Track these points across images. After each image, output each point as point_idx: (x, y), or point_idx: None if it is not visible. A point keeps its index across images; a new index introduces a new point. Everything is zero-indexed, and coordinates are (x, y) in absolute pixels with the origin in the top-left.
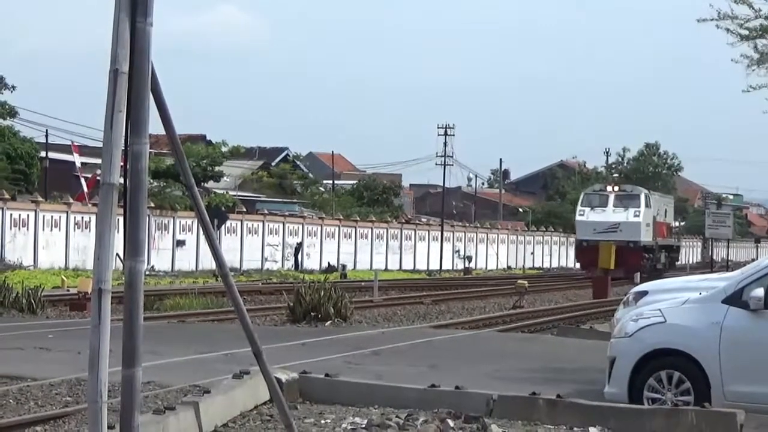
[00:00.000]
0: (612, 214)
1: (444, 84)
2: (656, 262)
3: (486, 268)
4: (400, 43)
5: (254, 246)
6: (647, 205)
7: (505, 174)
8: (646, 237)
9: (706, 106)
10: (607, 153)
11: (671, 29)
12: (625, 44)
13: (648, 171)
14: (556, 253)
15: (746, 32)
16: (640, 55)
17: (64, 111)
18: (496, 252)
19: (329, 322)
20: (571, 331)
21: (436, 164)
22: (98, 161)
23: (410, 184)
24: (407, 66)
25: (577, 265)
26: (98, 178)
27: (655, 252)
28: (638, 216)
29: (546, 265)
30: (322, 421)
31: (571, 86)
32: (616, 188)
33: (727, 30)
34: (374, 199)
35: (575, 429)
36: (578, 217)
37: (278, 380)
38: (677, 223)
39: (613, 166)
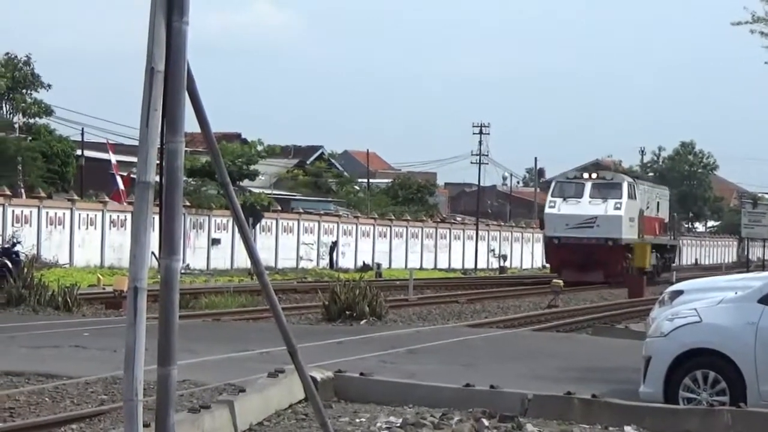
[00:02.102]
0: (588, 206)
1: (480, 82)
2: None
3: (521, 267)
4: (437, 40)
5: (289, 245)
6: (631, 196)
7: (540, 173)
8: (629, 234)
9: (743, 105)
10: (642, 152)
11: (708, 28)
12: (662, 44)
13: (683, 170)
14: None
15: None
16: (678, 55)
17: (100, 109)
18: (531, 251)
19: (364, 320)
20: (606, 330)
21: (471, 163)
22: (134, 159)
23: (445, 183)
24: (443, 64)
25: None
26: (133, 176)
27: None
28: (619, 208)
29: None
30: (357, 420)
31: (607, 84)
32: (594, 175)
33: (761, 33)
34: (409, 198)
35: (610, 428)
36: (548, 210)
37: (313, 379)
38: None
39: (649, 165)
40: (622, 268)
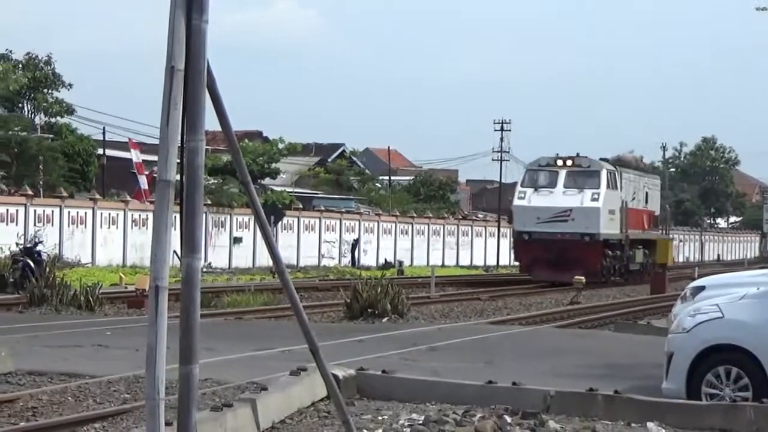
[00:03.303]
0: (562, 196)
1: (501, 80)
2: (628, 261)
3: None
4: (459, 38)
5: (311, 243)
6: (611, 186)
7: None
8: (609, 228)
9: (765, 99)
10: (664, 148)
11: (729, 20)
12: (683, 36)
13: (705, 165)
14: None
15: None
16: (697, 48)
17: (122, 108)
18: None
19: (386, 318)
20: (629, 326)
21: (493, 160)
22: (155, 158)
23: (467, 180)
24: (466, 61)
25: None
26: (155, 175)
27: (625, 248)
28: (597, 199)
29: None
30: (379, 418)
31: (628, 80)
32: (569, 162)
33: None
34: (431, 195)
35: (633, 425)
36: (517, 201)
37: (335, 377)
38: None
39: (670, 160)
40: (602, 266)
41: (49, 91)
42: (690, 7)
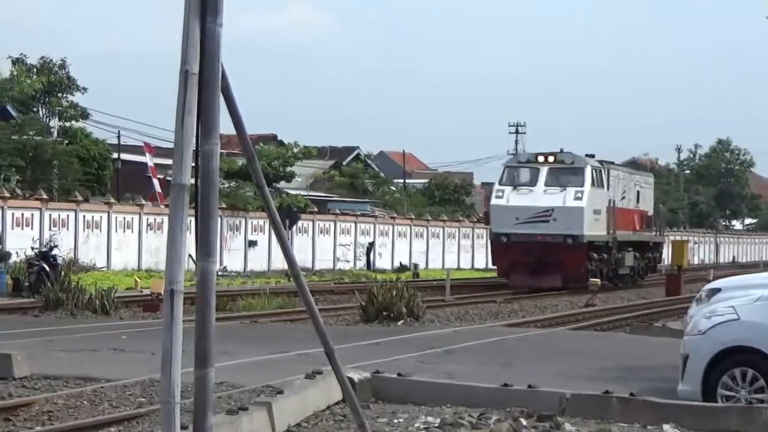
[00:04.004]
0: (543, 195)
1: (516, 81)
2: (617, 265)
3: None
4: (473, 40)
5: (326, 246)
6: (597, 184)
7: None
8: (594, 229)
9: None
10: (679, 150)
11: (745, 21)
12: (699, 37)
13: (720, 167)
14: None
15: None
16: (713, 50)
17: (136, 112)
18: None
19: (401, 321)
20: (644, 329)
21: None
22: (169, 162)
23: (482, 183)
24: (479, 64)
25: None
26: (169, 178)
27: (613, 251)
28: (580, 198)
29: None
30: (395, 421)
31: (643, 82)
32: (551, 159)
33: None
34: (446, 198)
35: (649, 427)
36: (494, 200)
37: (351, 380)
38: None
39: (685, 162)
40: (586, 270)
41: (64, 95)
42: (707, 8)
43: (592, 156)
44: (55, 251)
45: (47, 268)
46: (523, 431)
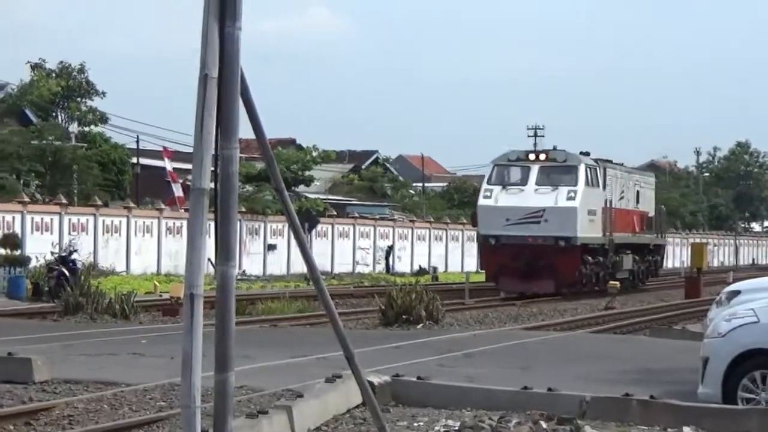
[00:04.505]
0: (534, 195)
1: (534, 85)
2: (615, 269)
3: None
4: (491, 43)
5: (345, 249)
6: (591, 183)
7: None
8: (588, 231)
9: None
10: (698, 152)
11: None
12: (718, 38)
13: (739, 170)
14: None
15: None
16: (733, 51)
17: (155, 117)
18: None
19: (421, 324)
20: (664, 331)
21: None
22: (188, 166)
23: None
24: (498, 67)
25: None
26: (189, 183)
27: (609, 254)
28: (573, 198)
29: None
30: (415, 424)
31: (661, 84)
32: (542, 156)
33: None
34: (465, 201)
35: (669, 430)
36: (482, 201)
37: (371, 383)
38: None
39: (704, 165)
40: (580, 275)
41: (83, 100)
42: (725, 8)
43: (587, 154)
44: (74, 256)
45: (67, 273)
46: None
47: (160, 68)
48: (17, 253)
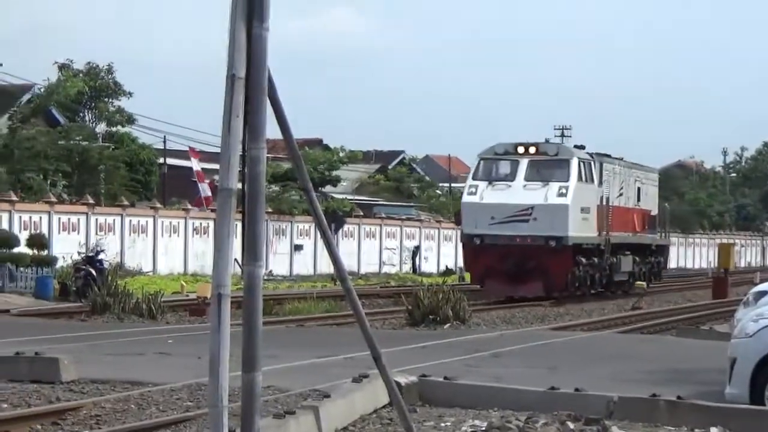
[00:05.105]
0: (522, 191)
1: (559, 84)
2: (611, 270)
3: None
4: (517, 45)
5: (372, 250)
6: (585, 178)
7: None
8: (581, 230)
9: None
10: (725, 152)
11: None
12: (742, 38)
13: (767, 169)
14: (673, 253)
15: None
16: (757, 51)
17: (182, 117)
18: None
19: (448, 325)
20: (691, 332)
21: None
22: (215, 166)
23: None
24: (524, 68)
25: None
26: (216, 183)
27: (605, 255)
28: (565, 195)
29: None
30: (442, 424)
31: (687, 83)
32: (532, 150)
33: None
34: None
35: (696, 430)
36: (466, 197)
37: (398, 384)
38: None
39: (731, 165)
40: (573, 277)
41: (110, 100)
42: (743, 8)
43: (582, 147)
44: (101, 256)
45: (94, 273)
46: None
47: (187, 68)
48: (44, 253)
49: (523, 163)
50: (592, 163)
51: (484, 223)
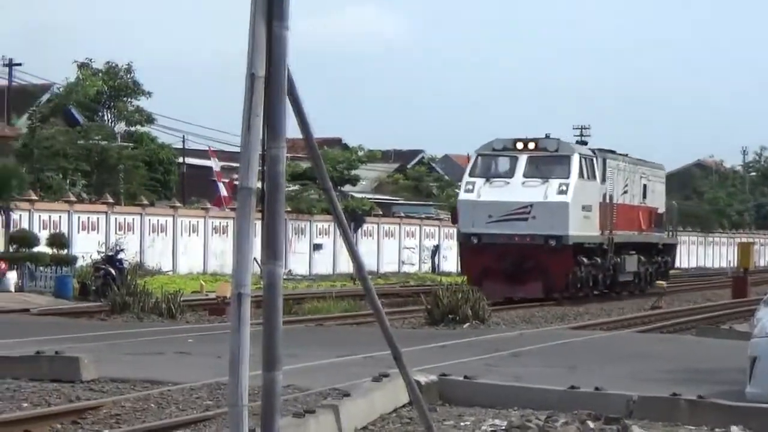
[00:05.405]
0: (521, 189)
1: (578, 83)
2: (615, 270)
3: None
4: (537, 44)
5: (391, 249)
6: (586, 175)
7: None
8: (582, 229)
9: None
10: (744, 152)
11: None
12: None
13: None
14: (693, 253)
15: None
16: None
17: (201, 116)
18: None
19: (467, 324)
20: (711, 331)
21: None
22: (234, 165)
23: None
24: (542, 66)
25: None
26: (236, 182)
27: (609, 255)
28: (565, 192)
29: (684, 265)
30: (462, 424)
31: (707, 82)
32: (531, 145)
33: None
34: None
35: (716, 429)
36: (463, 195)
37: (417, 383)
38: None
39: (751, 164)
40: (574, 278)
41: (129, 100)
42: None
43: (585, 143)
44: (121, 255)
45: (113, 272)
46: None
47: (206, 68)
48: (64, 252)
49: (522, 160)
50: (594, 159)
51: (481, 221)
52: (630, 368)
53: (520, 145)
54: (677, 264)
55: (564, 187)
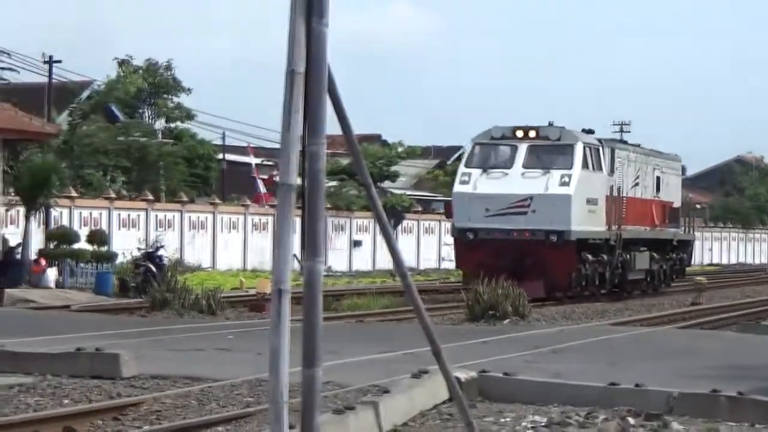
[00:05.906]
0: (521, 180)
1: (620, 79)
2: (624, 268)
3: None
4: (578, 39)
5: (431, 245)
6: (592, 166)
7: (682, 170)
8: (586, 224)
9: None
10: None
11: None
12: None
13: None
14: (734, 249)
15: None
16: None
17: (241, 112)
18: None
19: (507, 320)
20: (752, 327)
21: None
22: (273, 162)
23: None
24: (586, 62)
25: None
26: (275, 179)
27: (617, 251)
28: (567, 184)
29: (724, 261)
30: (502, 420)
31: (745, 78)
32: (532, 134)
33: None
34: None
35: (757, 426)
36: (458, 187)
37: (457, 379)
38: None
39: None
40: (578, 275)
41: (169, 97)
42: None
43: (591, 132)
44: (161, 252)
45: (153, 269)
46: (630, 430)
47: (246, 64)
48: (104, 249)
49: (522, 149)
50: (601, 149)
51: (477, 215)
52: (670, 364)
53: (519, 134)
54: (717, 260)
55: (566, 179)
